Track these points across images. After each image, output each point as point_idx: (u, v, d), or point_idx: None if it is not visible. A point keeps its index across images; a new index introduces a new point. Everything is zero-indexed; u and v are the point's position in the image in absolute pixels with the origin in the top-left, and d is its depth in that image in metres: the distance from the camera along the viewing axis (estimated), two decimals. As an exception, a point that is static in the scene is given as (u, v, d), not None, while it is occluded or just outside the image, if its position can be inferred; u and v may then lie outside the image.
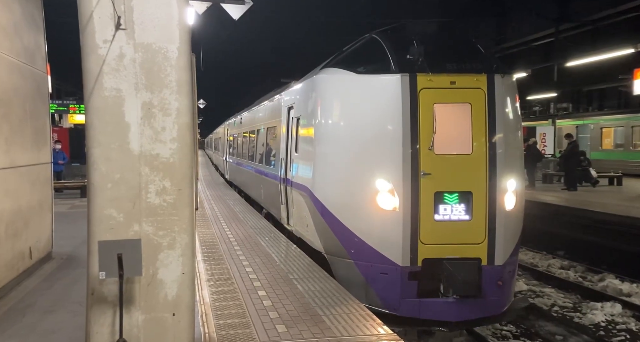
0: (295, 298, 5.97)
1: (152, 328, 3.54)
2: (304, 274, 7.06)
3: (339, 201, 6.92)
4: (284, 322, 5.17)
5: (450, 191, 6.43)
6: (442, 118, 6.43)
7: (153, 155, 3.53)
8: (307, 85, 8.45)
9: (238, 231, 10.45)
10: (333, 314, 5.40)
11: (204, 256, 8.15)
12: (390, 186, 6.44)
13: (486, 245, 6.45)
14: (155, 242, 3.55)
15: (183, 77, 3.57)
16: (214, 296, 6.05)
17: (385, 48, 6.89)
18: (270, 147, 12.21)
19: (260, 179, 13.39)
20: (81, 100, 23.82)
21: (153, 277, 3.55)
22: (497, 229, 6.43)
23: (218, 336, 4.82)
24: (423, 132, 6.40)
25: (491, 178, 6.42)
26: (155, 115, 3.52)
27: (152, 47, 3.48)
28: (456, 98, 6.51)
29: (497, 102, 6.52)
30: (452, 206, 6.44)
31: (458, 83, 6.49)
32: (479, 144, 6.45)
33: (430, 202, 6.40)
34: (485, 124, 6.45)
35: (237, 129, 20.36)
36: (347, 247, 6.85)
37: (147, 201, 3.52)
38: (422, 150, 6.39)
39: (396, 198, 6.42)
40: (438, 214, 6.45)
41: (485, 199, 6.41)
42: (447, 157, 6.46)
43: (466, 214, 6.46)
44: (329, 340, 4.72)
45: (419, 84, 6.44)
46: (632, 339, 7.87)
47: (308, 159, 7.82)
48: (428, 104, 6.44)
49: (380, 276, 6.56)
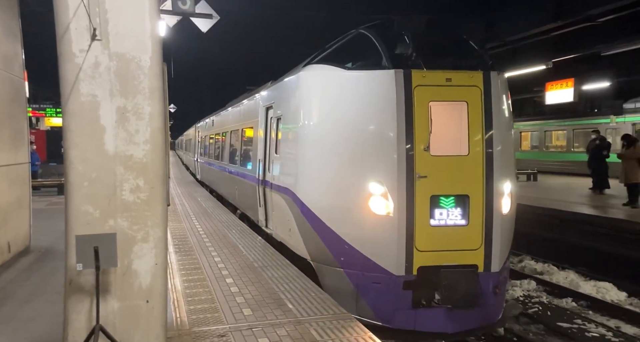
0: (260, 284, 5.97)
1: (127, 314, 3.49)
2: (268, 262, 7.06)
3: (326, 205, 5.95)
4: (250, 306, 5.16)
5: (446, 195, 5.57)
6: (437, 117, 5.58)
7: (127, 156, 3.48)
8: (289, 84, 7.31)
9: (207, 225, 10.31)
10: (294, 298, 5.44)
11: (176, 248, 8.01)
12: (383, 189, 5.53)
13: (483, 251, 5.63)
14: (130, 236, 3.50)
15: (155, 84, 3.53)
16: (185, 284, 5.97)
17: (375, 43, 5.90)
18: (246, 148, 11.05)
19: (234, 180, 12.11)
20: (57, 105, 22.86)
21: (128, 268, 3.49)
22: (493, 234, 5.62)
23: (189, 320, 4.77)
24: (418, 132, 5.51)
25: (488, 180, 5.60)
26: (129, 119, 3.47)
27: (126, 57, 3.43)
28: (452, 96, 5.65)
29: (494, 100, 5.69)
30: (448, 210, 5.59)
31: (454, 80, 5.61)
32: (476, 145, 5.62)
33: (426, 206, 5.52)
34: (481, 124, 5.63)
35: (209, 131, 18.67)
36: (336, 254, 5.89)
37: (122, 198, 3.47)
38: (418, 151, 5.50)
39: (390, 202, 5.50)
40: (434, 219, 5.57)
41: (482, 202, 5.60)
42: (443, 158, 5.58)
43: (462, 219, 5.62)
44: (290, 321, 4.75)
45: (414, 80, 5.52)
46: (544, 309, 8.31)
47: (291, 160, 6.82)
48: (423, 102, 5.54)
49: (373, 286, 5.64)
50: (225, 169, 13.91)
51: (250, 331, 4.49)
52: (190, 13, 6.20)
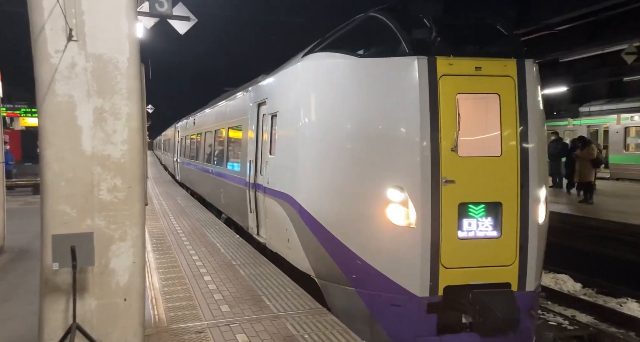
0: (238, 281, 5.93)
1: (105, 312, 3.42)
2: (246, 260, 7.02)
3: (334, 214, 5.00)
4: (228, 303, 5.13)
5: (476, 202, 4.66)
6: (466, 112, 4.66)
7: (105, 156, 3.41)
8: (287, 76, 6.33)
9: (185, 224, 10.17)
10: (272, 294, 5.43)
11: (154, 247, 7.87)
12: (403, 195, 4.60)
13: (517, 267, 4.72)
14: (108, 235, 3.43)
15: (133, 85, 3.47)
16: (163, 282, 5.88)
17: (391, 26, 4.92)
18: (233, 149, 10.00)
19: (220, 183, 10.92)
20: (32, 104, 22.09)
21: (106, 267, 3.42)
22: (529, 247, 4.73)
23: (167, 317, 4.70)
24: (444, 129, 4.59)
25: (523, 185, 4.70)
26: (107, 119, 3.40)
27: (103, 58, 3.36)
28: (482, 87, 4.73)
29: (529, 93, 4.78)
30: (478, 220, 4.68)
31: (484, 69, 4.70)
32: (510, 144, 4.73)
33: (453, 215, 4.60)
34: (515, 120, 4.74)
35: (191, 130, 17.19)
36: (347, 271, 4.93)
37: (99, 197, 3.40)
38: (444, 151, 4.58)
39: (412, 211, 4.57)
40: (462, 230, 4.64)
41: (517, 210, 4.70)
42: (473, 160, 4.67)
43: (494, 230, 4.70)
44: (267, 316, 4.75)
45: (439, 68, 4.60)
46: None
47: (290, 162, 5.84)
48: (450, 95, 4.62)
49: (391, 309, 4.69)
50: (208, 171, 12.68)
51: (228, 327, 4.47)
52: (167, 15, 6.11)
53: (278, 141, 6.45)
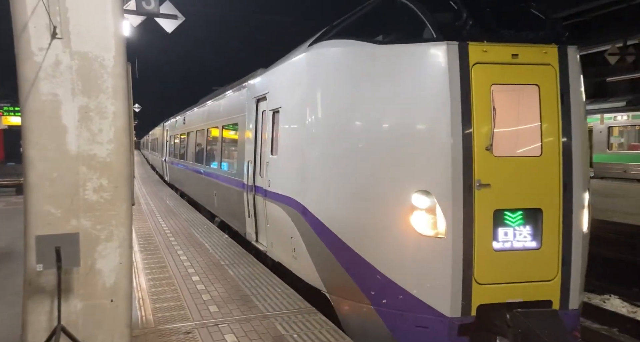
0: (226, 282, 5.90)
1: (91, 314, 3.37)
2: (234, 260, 6.98)
3: (350, 222, 4.43)
4: (216, 303, 5.10)
5: (513, 208, 4.11)
6: (501, 105, 4.10)
7: (90, 155, 3.37)
8: (292, 67, 5.69)
9: (173, 224, 10.09)
10: (260, 294, 5.41)
11: (141, 247, 7.79)
12: (431, 201, 4.05)
13: (559, 282, 4.17)
14: (94, 236, 3.38)
15: (119, 84, 3.43)
16: (151, 283, 5.82)
17: (415, 9, 4.33)
18: (228, 148, 9.33)
19: (213, 185, 10.22)
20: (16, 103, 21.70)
21: (91, 268, 3.38)
22: (572, 259, 4.17)
23: (154, 317, 4.66)
24: (478, 125, 4.03)
25: (566, 189, 4.15)
26: (92, 118, 3.36)
27: (89, 56, 3.31)
28: (519, 77, 4.16)
29: (572, 83, 4.20)
30: (515, 228, 4.13)
31: (522, 56, 4.13)
32: (551, 142, 4.16)
33: (488, 224, 4.04)
34: (557, 115, 4.17)
35: (181, 129, 16.32)
36: (365, 287, 4.38)
37: (84, 197, 3.35)
38: (478, 151, 4.02)
39: (441, 219, 4.02)
40: (497, 241, 4.08)
41: (559, 218, 4.15)
42: (509, 160, 4.11)
43: (533, 240, 4.15)
44: (256, 316, 4.73)
45: (472, 56, 4.04)
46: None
47: (295, 163, 5.26)
48: (483, 86, 4.06)
49: (416, 331, 4.15)
50: (200, 172, 11.93)
51: (217, 327, 4.44)
52: (154, 13, 6.04)
53: (281, 140, 5.84)
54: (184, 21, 7.27)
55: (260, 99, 6.99)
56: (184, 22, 7.33)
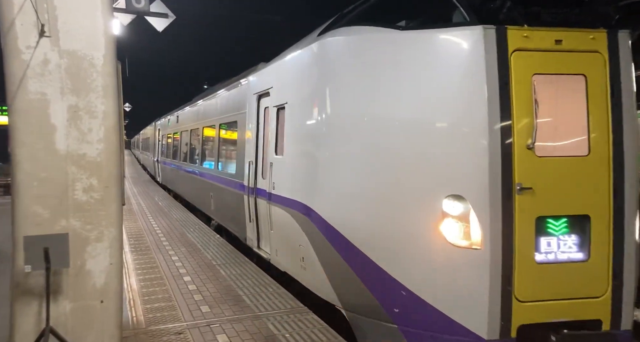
0: (218, 282, 5.88)
1: (80, 315, 3.33)
2: (226, 260, 6.96)
3: (370, 230, 3.96)
4: (208, 303, 5.07)
5: (557, 215, 3.64)
6: (544, 98, 3.62)
7: (80, 155, 3.33)
8: (299, 60, 5.19)
9: (164, 224, 10.02)
10: (252, 294, 5.40)
11: (132, 247, 7.73)
12: (465, 207, 3.59)
13: (609, 299, 3.68)
14: (83, 236, 3.35)
15: (109, 82, 3.40)
16: (142, 283, 5.78)
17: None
18: (226, 148, 8.83)
19: (209, 186, 9.64)
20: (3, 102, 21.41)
21: (81, 268, 3.34)
22: (625, 272, 3.67)
23: (145, 318, 4.62)
24: (518, 120, 3.57)
25: (617, 193, 3.66)
26: (82, 117, 3.32)
27: (78, 54, 3.27)
28: (564, 66, 3.66)
29: (623, 73, 3.69)
30: (559, 238, 3.66)
31: (566, 43, 3.64)
32: (599, 140, 3.68)
33: (530, 233, 3.58)
34: (606, 109, 3.68)
35: (174, 128, 15.64)
36: (387, 304, 3.92)
37: (74, 197, 3.31)
38: (518, 150, 3.56)
39: (476, 227, 3.56)
40: (539, 252, 3.61)
41: (609, 225, 3.67)
42: (554, 161, 3.63)
43: (580, 251, 3.68)
44: (248, 316, 4.72)
45: (511, 42, 3.57)
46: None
47: (305, 164, 4.81)
48: (524, 76, 3.59)
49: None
50: (195, 173, 11.36)
51: (208, 328, 4.42)
52: (144, 12, 5.99)
53: (287, 139, 5.33)
54: (175, 20, 7.22)
55: (262, 95, 6.50)
56: (175, 20, 7.28)
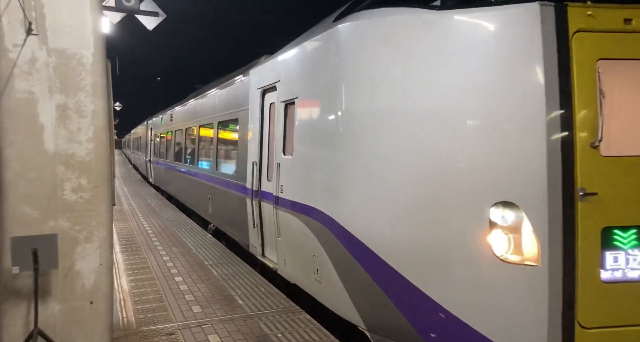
0: (210, 282, 5.85)
1: (70, 316, 3.30)
2: (218, 260, 6.93)
3: (401, 242, 3.41)
4: (199, 304, 5.05)
5: (625, 226, 3.10)
6: (611, 87, 3.10)
7: (69, 155, 3.29)
8: (314, 48, 4.63)
9: (155, 224, 9.96)
10: (245, 294, 5.38)
11: (122, 248, 7.67)
12: (517, 216, 3.09)
13: None
14: (73, 236, 3.31)
15: (98, 82, 3.36)
16: (132, 284, 5.74)
17: None
18: (226, 148, 8.34)
19: (206, 188, 9.22)
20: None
21: (70, 269, 3.30)
22: None
23: (136, 319, 4.59)
24: (580, 113, 3.06)
25: None
26: (71, 116, 3.28)
27: (66, 53, 3.24)
28: (634, 50, 3.15)
29: None
30: (628, 252, 3.10)
31: (637, 22, 3.12)
32: None
33: (595, 246, 3.06)
34: None
35: (167, 127, 15.02)
36: (421, 326, 3.39)
37: (63, 197, 3.27)
38: (581, 149, 3.05)
39: (531, 240, 3.06)
40: (604, 268, 3.08)
41: None
42: (622, 161, 3.12)
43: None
44: (240, 316, 4.70)
45: (572, 21, 3.06)
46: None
47: (320, 164, 4.28)
48: (588, 61, 3.08)
49: None
50: (191, 174, 10.84)
51: (200, 328, 4.40)
52: (134, 10, 5.92)
53: (297, 137, 4.81)
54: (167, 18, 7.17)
55: (267, 90, 5.98)
56: (167, 19, 7.22)
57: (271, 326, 4.46)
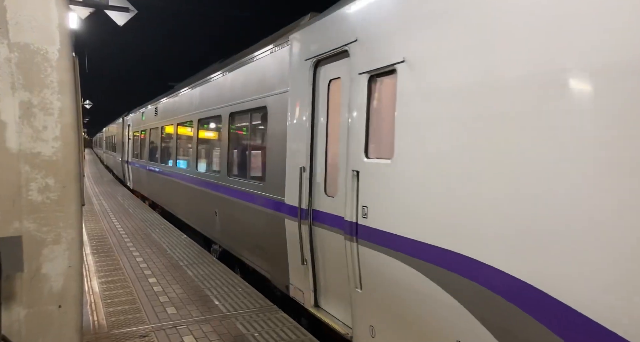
0: (185, 282, 5.76)
1: (36, 321, 3.18)
2: (193, 260, 6.82)
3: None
4: (174, 305, 4.96)
5: None
6: None
7: (34, 154, 3.16)
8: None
9: (128, 224, 9.73)
10: (221, 294, 5.32)
11: (93, 249, 7.47)
12: None
13: None
14: (39, 238, 3.19)
15: (65, 78, 3.24)
16: (104, 286, 5.59)
17: None
18: (244, 147, 6.40)
19: (212, 200, 7.25)
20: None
21: (37, 272, 3.18)
22: None
23: (108, 322, 4.47)
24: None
25: None
26: (36, 114, 3.16)
27: (30, 48, 3.11)
28: None
29: None
30: None
31: None
32: None
33: None
34: None
35: (153, 122, 12.68)
36: None
37: (28, 198, 3.15)
38: None
39: None
40: None
41: None
42: None
43: None
44: (216, 316, 4.64)
45: None
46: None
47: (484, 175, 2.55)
48: None
49: None
50: (188, 179, 8.83)
51: (175, 329, 4.32)
52: (103, 5, 5.75)
53: (409, 128, 3.10)
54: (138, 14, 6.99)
55: (324, 60, 4.29)
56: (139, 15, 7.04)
57: (248, 325, 4.42)
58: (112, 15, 6.26)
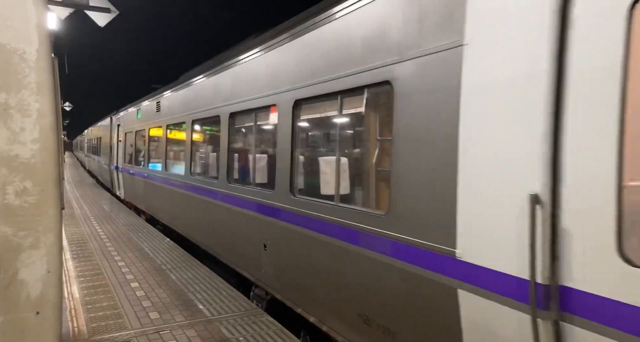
0: (168, 287, 5.67)
1: (12, 328, 3.09)
2: (177, 264, 6.73)
3: None
4: (157, 310, 4.88)
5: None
6: None
7: (11, 156, 3.08)
8: None
9: (109, 228, 9.56)
10: (205, 298, 5.25)
11: (74, 254, 7.31)
12: None
13: None
14: (16, 243, 3.10)
15: (44, 79, 3.17)
16: (84, 291, 5.47)
17: None
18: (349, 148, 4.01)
19: (267, 228, 4.84)
20: None
21: (13, 278, 3.09)
22: None
23: (88, 328, 4.37)
24: None
25: None
26: (13, 116, 3.08)
27: (7, 48, 3.04)
28: None
29: None
30: None
31: None
32: None
33: None
34: None
35: (154, 121, 10.26)
36: None
37: (5, 202, 3.06)
38: None
39: None
40: None
41: None
42: None
43: None
44: (200, 321, 4.58)
45: None
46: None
47: None
48: None
49: None
50: (225, 199, 5.98)
51: (158, 335, 4.25)
52: (84, 5, 5.64)
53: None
54: (120, 15, 6.89)
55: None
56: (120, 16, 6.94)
57: (232, 329, 4.37)
58: (93, 16, 6.15)
